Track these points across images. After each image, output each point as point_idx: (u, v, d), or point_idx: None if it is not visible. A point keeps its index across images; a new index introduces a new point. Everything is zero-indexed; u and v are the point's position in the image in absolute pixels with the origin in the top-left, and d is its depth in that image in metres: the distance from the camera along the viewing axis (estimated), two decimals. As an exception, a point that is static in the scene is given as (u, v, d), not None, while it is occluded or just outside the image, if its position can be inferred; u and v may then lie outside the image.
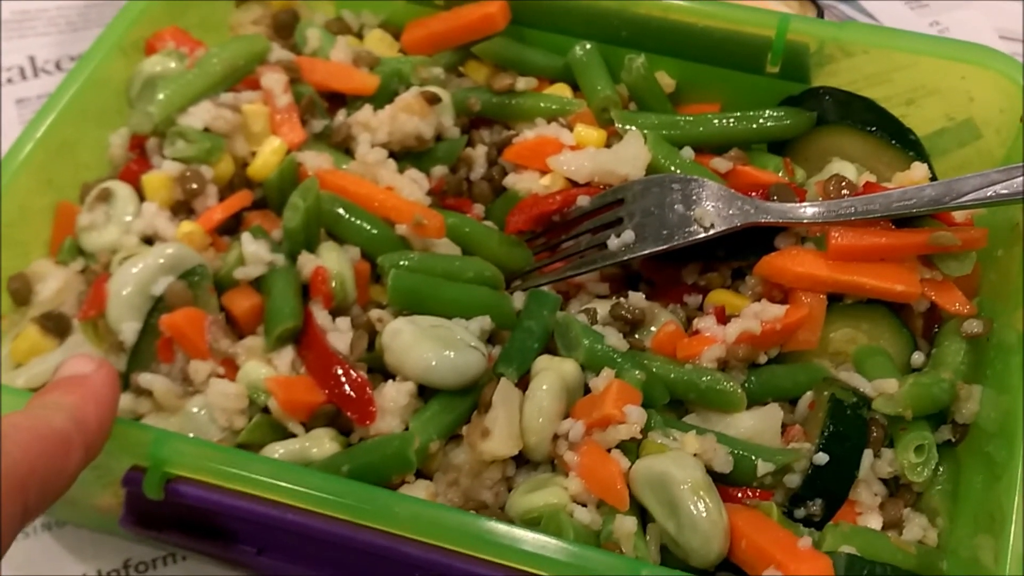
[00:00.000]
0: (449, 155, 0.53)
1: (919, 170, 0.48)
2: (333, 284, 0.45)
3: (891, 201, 0.45)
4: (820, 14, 0.65)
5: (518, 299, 0.47)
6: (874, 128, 0.50)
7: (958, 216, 0.47)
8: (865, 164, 0.51)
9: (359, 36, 0.58)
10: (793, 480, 0.42)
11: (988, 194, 0.44)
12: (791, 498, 0.42)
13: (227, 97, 0.50)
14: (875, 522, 0.42)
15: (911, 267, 0.45)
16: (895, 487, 0.43)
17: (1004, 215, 0.46)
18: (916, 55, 0.50)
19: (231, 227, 0.49)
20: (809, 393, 0.45)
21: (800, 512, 0.42)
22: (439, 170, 0.52)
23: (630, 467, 0.40)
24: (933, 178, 0.49)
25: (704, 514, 0.38)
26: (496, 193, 0.53)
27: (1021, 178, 0.43)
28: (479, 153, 0.54)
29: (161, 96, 0.49)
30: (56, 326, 0.44)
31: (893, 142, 0.50)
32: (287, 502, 0.36)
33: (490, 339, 0.46)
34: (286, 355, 0.43)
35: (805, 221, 0.46)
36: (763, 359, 0.46)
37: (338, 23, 0.58)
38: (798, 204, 0.46)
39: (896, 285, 0.45)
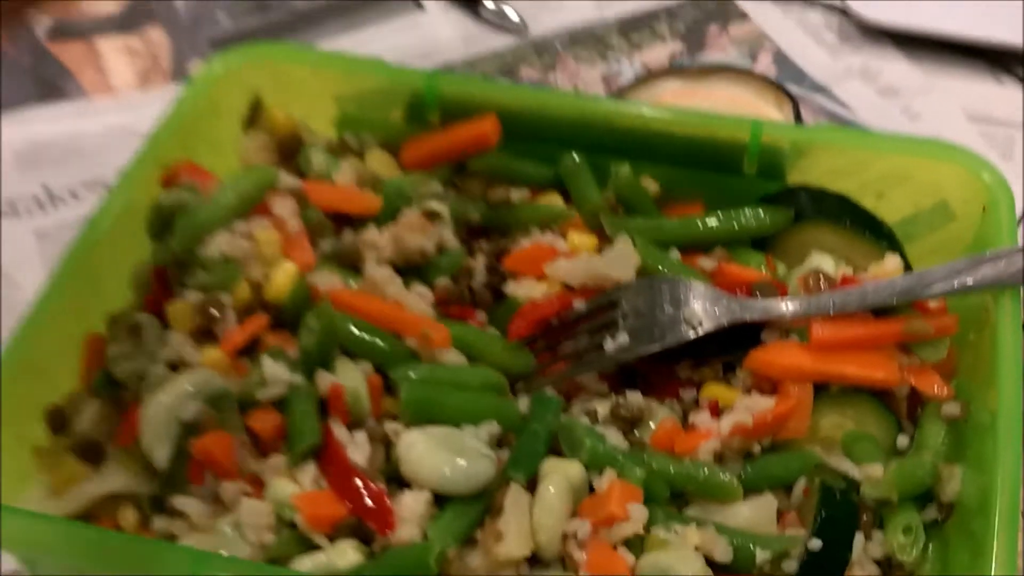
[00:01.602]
0: (451, 266, 0.56)
1: (892, 261, 0.51)
2: (349, 400, 0.48)
3: (866, 294, 0.48)
4: (796, 106, 0.69)
5: (523, 402, 0.50)
6: (848, 222, 0.54)
7: (932, 303, 0.50)
8: (843, 256, 0.54)
9: (360, 156, 0.62)
10: (791, 566, 0.44)
11: (955, 284, 0.47)
12: (790, 583, 0.44)
13: (241, 226, 0.54)
14: (871, 602, 0.44)
15: (890, 355, 0.48)
16: (888, 567, 0.46)
17: (976, 300, 0.49)
18: (881, 152, 0.54)
19: (250, 347, 0.52)
20: (802, 480, 0.47)
21: (799, 596, 0.44)
22: (442, 281, 0.55)
23: (636, 563, 0.43)
24: (907, 267, 0.53)
25: (707, 606, 0.41)
26: (497, 298, 0.57)
27: (985, 268, 0.47)
28: (479, 263, 0.57)
29: (179, 228, 0.53)
30: (92, 454, 0.47)
31: (867, 233, 0.53)
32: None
33: (499, 442, 0.49)
34: (309, 471, 0.46)
35: (787, 317, 0.49)
36: (757, 448, 0.49)
37: (340, 145, 0.62)
38: (779, 300, 0.49)
39: (876, 373, 0.48)
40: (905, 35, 0.73)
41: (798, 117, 0.68)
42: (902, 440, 0.48)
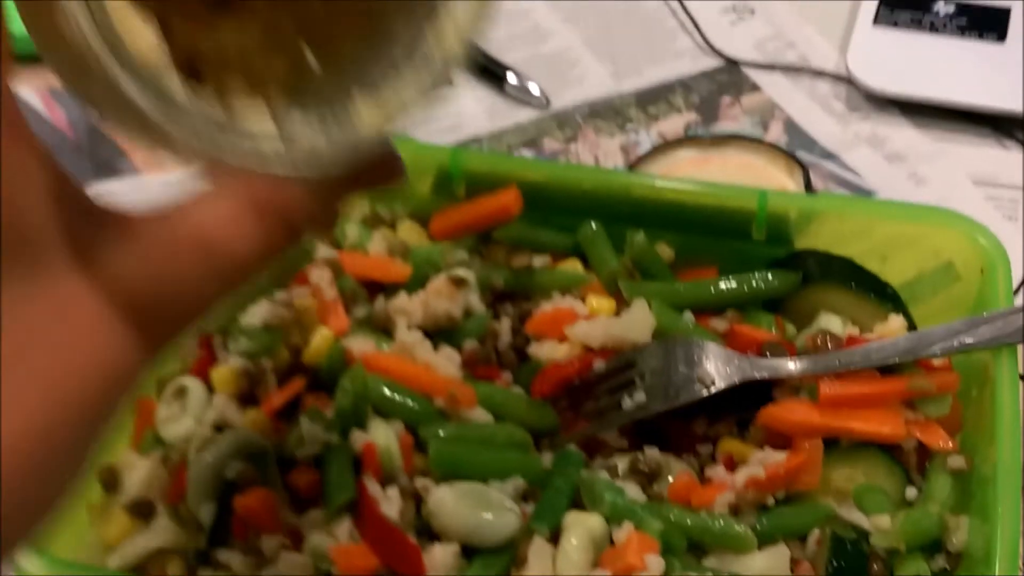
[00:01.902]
0: (477, 329, 0.59)
1: (896, 321, 0.54)
2: (382, 457, 0.51)
3: (870, 353, 0.51)
4: (806, 172, 0.72)
5: (547, 457, 0.53)
6: (854, 284, 0.56)
7: (936, 361, 0.52)
8: (849, 316, 0.56)
9: (392, 226, 0.66)
10: (804, 613, 0.46)
11: (954, 344, 0.49)
12: (804, 631, 0.46)
13: (281, 295, 0.57)
14: (884, 650, 0.46)
15: (896, 410, 0.51)
16: (898, 616, 0.48)
17: (977, 358, 0.52)
18: (883, 219, 0.57)
19: (290, 407, 0.55)
20: (816, 530, 0.50)
21: (813, 644, 0.46)
22: (470, 343, 0.59)
23: (654, 611, 0.45)
24: (911, 326, 0.55)
25: (723, 652, 0.43)
26: (521, 359, 0.60)
27: (983, 328, 0.49)
28: (504, 326, 0.60)
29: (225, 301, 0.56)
30: (143, 511, 0.50)
31: (872, 295, 0.56)
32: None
33: (524, 496, 0.51)
34: (344, 525, 0.49)
35: (795, 375, 0.51)
36: (771, 500, 0.51)
37: (374, 217, 0.65)
38: (788, 359, 0.52)
39: (883, 428, 0.50)
40: (911, 103, 0.76)
41: (808, 183, 0.71)
42: (911, 492, 0.51)
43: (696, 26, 0.85)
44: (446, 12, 0.27)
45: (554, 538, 0.48)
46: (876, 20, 0.80)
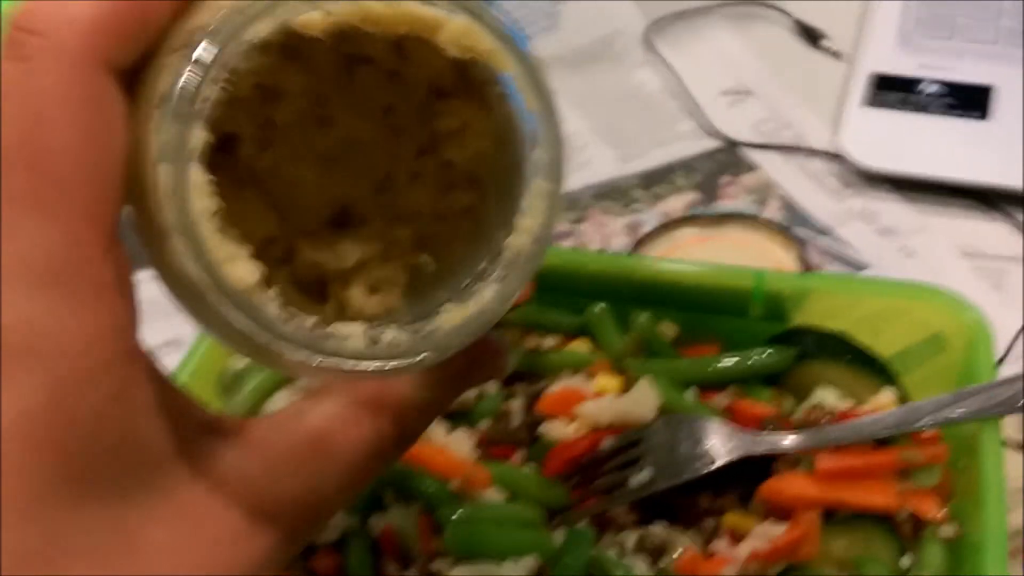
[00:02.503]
0: (491, 410, 0.62)
1: (887, 395, 0.57)
2: (400, 540, 0.54)
3: (863, 427, 0.54)
4: (801, 248, 0.75)
5: (558, 535, 0.56)
6: (848, 359, 0.59)
7: (926, 432, 0.55)
8: (845, 388, 0.59)
9: (408, 313, 0.69)
10: None
11: (941, 417, 0.52)
12: None
13: (303, 382, 0.61)
14: None
15: (889, 481, 0.53)
16: None
17: (966, 429, 0.54)
18: (872, 296, 0.60)
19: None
20: (817, 601, 0.52)
21: None
22: (484, 423, 0.62)
23: None
24: (902, 397, 0.58)
25: None
26: (532, 438, 0.62)
27: (968, 401, 0.52)
28: (516, 406, 0.63)
29: (249, 387, 0.60)
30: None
31: (865, 368, 0.59)
32: None
33: (538, 573, 0.54)
34: (366, 605, 0.52)
35: (792, 450, 0.54)
36: (774, 571, 0.53)
37: (390, 304, 0.69)
38: (785, 434, 0.55)
39: (876, 499, 0.52)
40: (900, 179, 0.79)
41: (804, 258, 0.74)
42: (905, 561, 0.53)
43: (697, 107, 0.89)
44: (520, 224, 0.31)
45: (566, 613, 0.50)
46: (866, 101, 0.84)
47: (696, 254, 0.77)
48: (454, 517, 0.54)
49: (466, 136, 0.34)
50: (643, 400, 0.59)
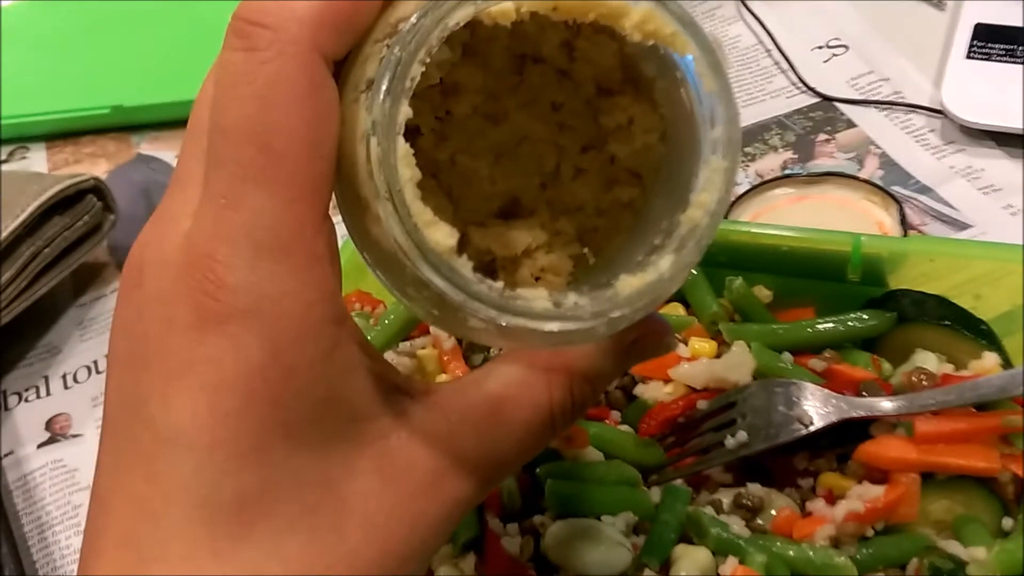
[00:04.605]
0: (587, 372, 0.64)
1: (990, 359, 0.56)
2: (503, 497, 0.55)
3: (964, 391, 0.53)
4: (901, 208, 0.74)
5: (655, 493, 0.57)
6: (948, 322, 0.59)
7: (1029, 396, 0.54)
8: (944, 353, 0.59)
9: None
10: (903, 641, 0.49)
11: (1047, 381, 0.51)
12: (905, 658, 0.49)
13: (405, 345, 0.63)
14: (983, 676, 0.49)
15: (991, 445, 0.53)
16: (995, 643, 0.50)
17: (1070, 392, 0.54)
18: (975, 258, 0.59)
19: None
20: (915, 561, 0.52)
21: (914, 670, 0.49)
22: (580, 385, 0.63)
23: (761, 639, 0.48)
24: (1005, 362, 0.57)
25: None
26: (629, 400, 0.64)
27: (1074, 365, 0.51)
28: (612, 369, 0.64)
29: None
30: None
31: (966, 332, 0.58)
32: None
33: (635, 529, 0.55)
34: (469, 560, 0.54)
35: (891, 414, 0.54)
36: (870, 532, 0.54)
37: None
38: (884, 398, 0.55)
39: (978, 462, 0.52)
40: (1005, 134, 0.77)
41: (904, 218, 0.73)
42: (1006, 523, 0.53)
43: (790, 64, 0.88)
44: (695, 199, 0.31)
45: (664, 571, 0.52)
46: (969, 53, 0.81)
47: (791, 214, 0.77)
48: (554, 473, 0.55)
49: (633, 131, 0.35)
50: (738, 364, 0.60)
